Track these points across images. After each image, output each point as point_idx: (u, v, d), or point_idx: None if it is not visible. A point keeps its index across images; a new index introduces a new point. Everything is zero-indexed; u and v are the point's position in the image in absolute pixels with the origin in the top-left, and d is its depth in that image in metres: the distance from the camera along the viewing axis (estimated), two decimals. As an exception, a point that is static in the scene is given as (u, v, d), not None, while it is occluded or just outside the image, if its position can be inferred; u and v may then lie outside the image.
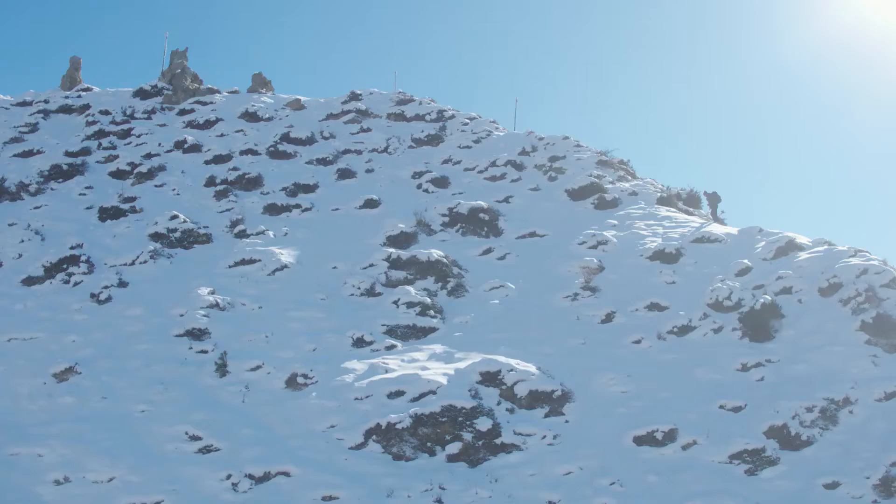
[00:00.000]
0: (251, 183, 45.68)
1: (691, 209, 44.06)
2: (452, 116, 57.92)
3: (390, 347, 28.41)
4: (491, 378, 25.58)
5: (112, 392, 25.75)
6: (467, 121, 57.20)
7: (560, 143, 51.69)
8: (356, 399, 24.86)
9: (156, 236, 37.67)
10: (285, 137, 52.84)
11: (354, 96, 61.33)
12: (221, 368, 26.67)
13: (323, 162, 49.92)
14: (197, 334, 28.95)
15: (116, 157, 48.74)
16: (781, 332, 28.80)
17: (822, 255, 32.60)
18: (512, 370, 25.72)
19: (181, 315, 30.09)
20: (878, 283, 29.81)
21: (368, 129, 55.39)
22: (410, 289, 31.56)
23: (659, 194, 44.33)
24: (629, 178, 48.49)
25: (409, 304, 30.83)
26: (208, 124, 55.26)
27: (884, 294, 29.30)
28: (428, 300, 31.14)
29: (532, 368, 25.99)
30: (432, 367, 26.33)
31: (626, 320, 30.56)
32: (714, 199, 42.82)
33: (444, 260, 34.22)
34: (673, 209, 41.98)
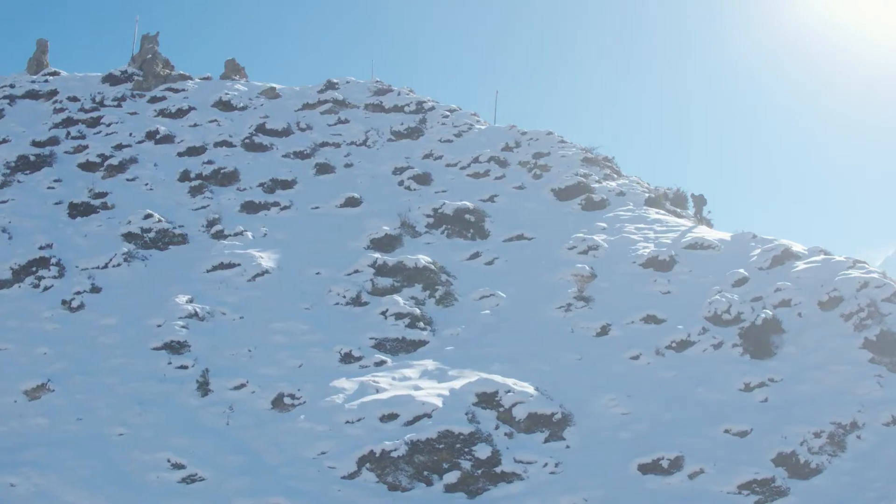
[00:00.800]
0: (227, 178, 44.16)
1: (678, 210, 43.16)
2: (432, 108, 56.59)
3: (380, 363, 27.21)
4: (488, 399, 24.49)
5: (88, 412, 24.36)
6: (447, 113, 55.90)
7: (544, 139, 50.58)
8: (347, 422, 23.67)
9: (129, 236, 36.15)
10: (261, 129, 51.29)
11: (331, 85, 59.79)
12: (203, 387, 25.33)
13: (300, 155, 48.46)
14: (176, 347, 27.57)
15: (86, 147, 46.98)
16: (783, 348, 27.91)
17: (819, 266, 31.80)
18: (509, 391, 24.64)
19: (158, 326, 28.70)
20: (880, 297, 29.00)
21: (346, 121, 53.95)
22: (399, 298, 30.36)
23: (647, 195, 43.38)
24: (615, 176, 47.53)
25: (398, 316, 29.66)
26: (181, 113, 53.53)
27: (886, 309, 28.47)
28: (417, 311, 29.97)
29: (530, 389, 24.93)
30: (425, 387, 25.21)
31: (621, 334, 29.56)
32: (699, 201, 41.90)
33: (432, 266, 33.04)
34: (662, 211, 41.05)
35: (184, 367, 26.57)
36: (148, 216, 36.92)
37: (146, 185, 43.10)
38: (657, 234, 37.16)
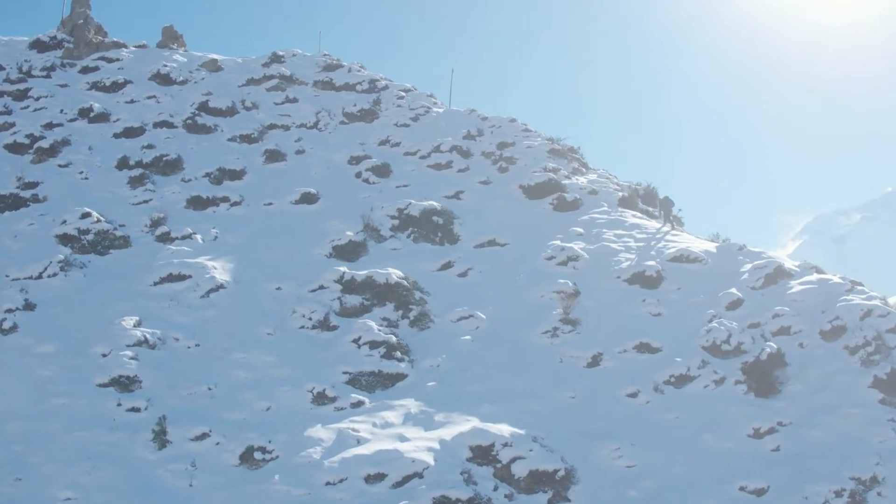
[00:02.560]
0: (170, 166, 40.60)
1: (651, 209, 41.04)
2: (386, 87, 53.45)
3: (357, 404, 24.47)
4: (483, 454, 22.06)
5: (28, 471, 21.16)
6: (402, 93, 52.84)
7: (507, 127, 48.00)
8: (328, 484, 20.96)
9: (65, 238, 32.58)
10: (203, 107, 47.63)
11: (276, 58, 56.18)
12: (160, 436, 22.28)
13: (247, 139, 45.06)
14: (125, 384, 24.43)
15: (13, 124, 42.91)
16: (787, 385, 26.11)
17: (816, 288, 30.10)
18: (507, 444, 22.24)
19: (104, 355, 25.49)
20: (884, 327, 27.46)
21: (295, 100, 50.56)
22: (372, 324, 27.58)
23: (620, 194, 41.25)
24: (583, 170, 45.28)
25: (372, 344, 26.92)
26: (116, 87, 49.48)
27: (892, 341, 26.92)
28: (393, 338, 27.25)
29: (528, 440, 22.47)
30: (411, 436, 22.62)
31: (614, 364, 27.37)
32: (667, 203, 39.66)
33: (405, 282, 30.30)
34: (638, 214, 38.94)
35: (136, 410, 23.44)
36: (85, 215, 33.30)
37: (81, 173, 39.31)
38: (638, 242, 35.04)
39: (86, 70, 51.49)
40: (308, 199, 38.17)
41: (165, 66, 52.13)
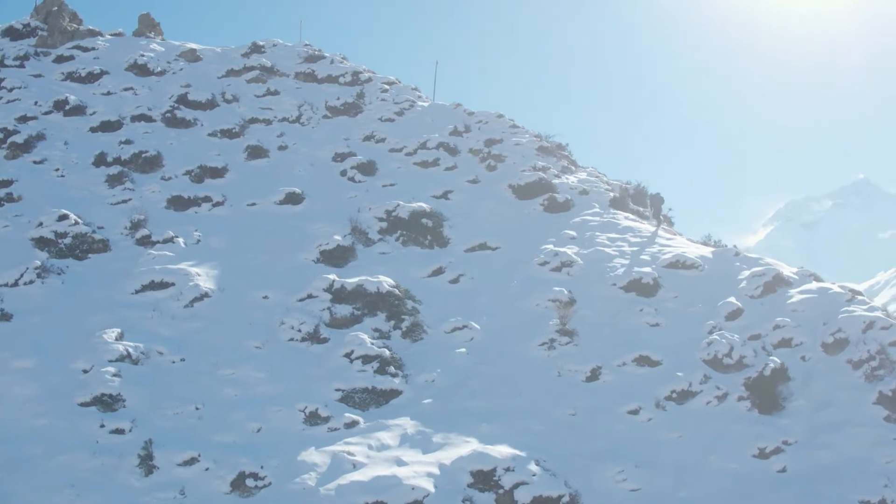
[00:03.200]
0: (149, 163, 39.37)
1: (642, 209, 40.32)
2: (369, 79, 52.42)
3: (351, 424, 23.50)
4: (485, 479, 21.20)
5: (7, 501, 20.06)
6: (386, 87, 51.80)
7: (494, 123, 47.14)
8: (325, 513, 20.03)
9: (41, 242, 31.35)
10: (182, 100, 46.40)
11: (256, 48, 55.03)
12: (146, 462, 21.22)
13: (228, 134, 43.90)
14: (108, 402, 23.31)
15: (-16, 118, 41.42)
16: (791, 400, 25.49)
17: (816, 297, 29.52)
18: (509, 468, 21.36)
19: (85, 371, 24.37)
20: (888, 340, 26.94)
21: (276, 92, 49.42)
22: (364, 337, 26.61)
23: (611, 194, 40.48)
24: (572, 168, 44.51)
25: (365, 359, 25.94)
26: (92, 77, 48.14)
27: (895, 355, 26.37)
28: (386, 352, 26.30)
29: (532, 465, 21.64)
30: (409, 460, 21.71)
31: (614, 378, 26.61)
32: (657, 200, 38.99)
33: (396, 291, 29.35)
34: (630, 216, 38.20)
35: (120, 432, 22.31)
36: (63, 217, 32.05)
37: (56, 170, 38.02)
38: (632, 246, 34.27)
39: (60, 59, 50.08)
40: (293, 199, 37.08)
41: (143, 55, 50.80)
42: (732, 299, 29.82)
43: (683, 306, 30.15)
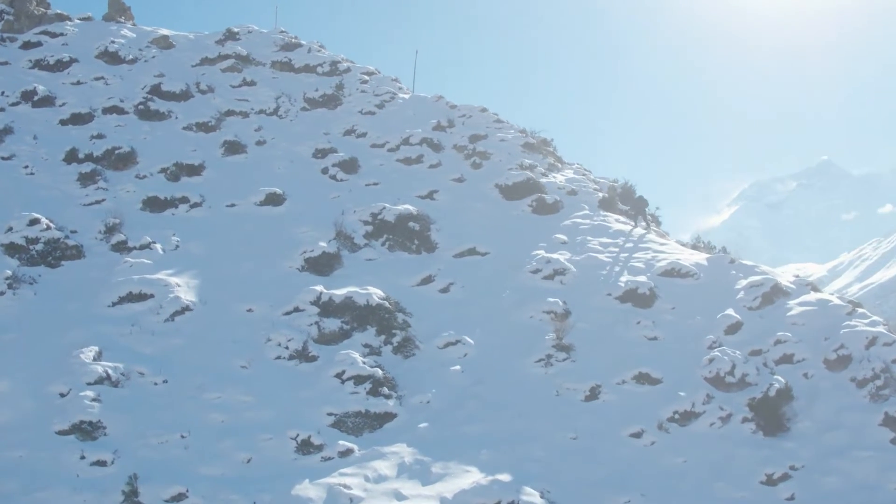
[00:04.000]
0: (122, 160, 37.84)
1: (630, 209, 39.42)
2: (348, 69, 51.03)
3: (345, 453, 22.39)
4: (490, 515, 20.22)
5: (-18, 544, 18.85)
6: (366, 77, 50.44)
7: (478, 117, 45.99)
8: (322, 555, 19.00)
9: (12, 248, 29.84)
10: (156, 90, 44.80)
11: (231, 35, 53.38)
12: (131, 498, 19.99)
13: (204, 128, 42.43)
14: (88, 430, 22.04)
15: (-52, 110, 39.64)
16: (796, 421, 24.78)
17: (816, 311, 28.87)
18: (513, 502, 20.40)
19: (62, 395, 23.05)
20: (891, 357, 26.32)
21: (252, 83, 47.93)
22: (355, 356, 25.48)
23: (599, 194, 39.57)
24: (558, 165, 43.56)
25: (357, 380, 24.83)
26: (61, 66, 46.33)
27: (900, 372, 25.77)
28: (379, 372, 25.21)
29: (536, 498, 20.69)
30: (409, 494, 20.71)
31: (614, 398, 25.74)
32: (641, 203, 38.07)
33: (386, 303, 28.23)
34: (621, 218, 37.32)
35: (101, 464, 21.05)
36: (34, 221, 30.52)
37: (26, 167, 36.40)
38: (624, 252, 33.42)
39: (27, 45, 48.20)
40: (274, 199, 35.76)
41: (113, 42, 49.02)
42: (731, 311, 29.07)
43: (681, 318, 29.37)
